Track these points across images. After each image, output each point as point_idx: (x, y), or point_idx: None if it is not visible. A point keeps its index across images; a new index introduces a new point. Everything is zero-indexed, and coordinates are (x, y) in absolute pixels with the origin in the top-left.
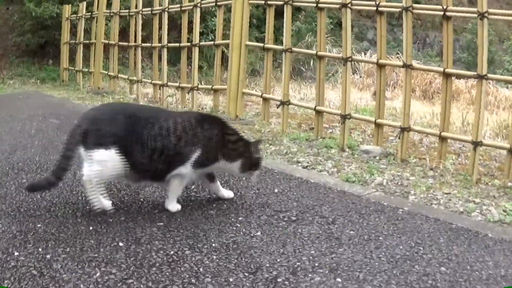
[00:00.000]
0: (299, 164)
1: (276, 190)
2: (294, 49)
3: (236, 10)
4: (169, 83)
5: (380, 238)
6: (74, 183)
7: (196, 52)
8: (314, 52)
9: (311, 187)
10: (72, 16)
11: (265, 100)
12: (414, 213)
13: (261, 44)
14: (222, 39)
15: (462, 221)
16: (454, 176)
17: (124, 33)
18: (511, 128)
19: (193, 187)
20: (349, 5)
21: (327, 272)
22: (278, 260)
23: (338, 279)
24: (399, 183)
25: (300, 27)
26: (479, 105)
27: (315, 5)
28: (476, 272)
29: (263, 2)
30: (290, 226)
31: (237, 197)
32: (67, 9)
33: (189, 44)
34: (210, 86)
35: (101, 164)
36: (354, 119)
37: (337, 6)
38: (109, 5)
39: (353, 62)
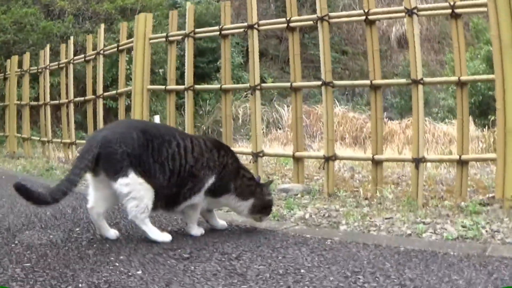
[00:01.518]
0: None
1: (169, 229)
2: (197, 86)
3: (137, 51)
4: (78, 141)
5: (302, 270)
6: None
7: (100, 104)
8: (218, 86)
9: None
10: None
11: None
12: (348, 242)
13: (163, 86)
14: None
15: (412, 243)
16: (395, 202)
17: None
18: (457, 138)
19: (76, 229)
20: (256, 26)
21: None
22: None
23: None
24: (326, 215)
25: None
26: (417, 115)
27: (218, 33)
28: None
29: (164, 39)
30: (180, 263)
31: (123, 237)
32: None
33: (94, 96)
34: None
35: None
36: (268, 156)
37: (242, 30)
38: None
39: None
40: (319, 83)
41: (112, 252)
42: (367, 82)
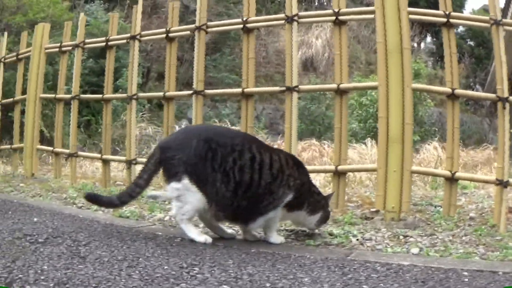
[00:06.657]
0: (75, 206)
1: (35, 219)
2: (83, 95)
3: (33, 60)
4: None
5: (140, 259)
6: None
7: None
8: (100, 96)
9: (76, 219)
10: None
11: (56, 154)
12: (198, 241)
13: (54, 95)
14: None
15: (267, 247)
16: None
17: None
18: (335, 149)
19: None
20: (138, 36)
21: (51, 285)
22: None
23: None
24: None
25: None
26: (289, 123)
27: (104, 44)
28: None
29: (57, 49)
30: (33, 246)
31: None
32: None
33: None
34: (9, 146)
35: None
36: (140, 164)
37: (125, 41)
38: None
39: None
40: (191, 92)
41: None
42: (239, 90)
